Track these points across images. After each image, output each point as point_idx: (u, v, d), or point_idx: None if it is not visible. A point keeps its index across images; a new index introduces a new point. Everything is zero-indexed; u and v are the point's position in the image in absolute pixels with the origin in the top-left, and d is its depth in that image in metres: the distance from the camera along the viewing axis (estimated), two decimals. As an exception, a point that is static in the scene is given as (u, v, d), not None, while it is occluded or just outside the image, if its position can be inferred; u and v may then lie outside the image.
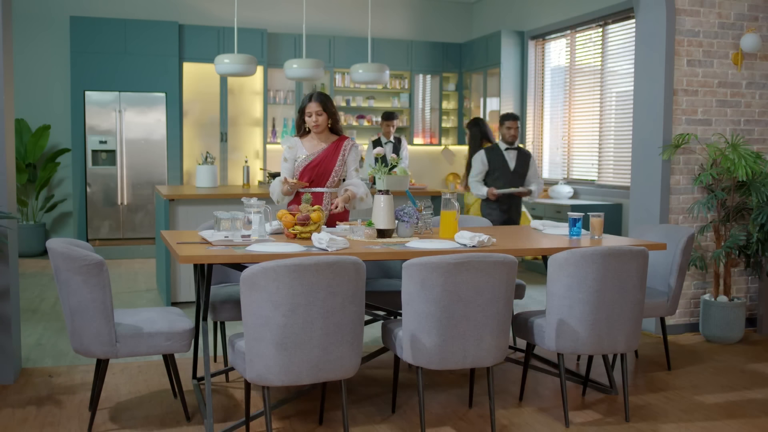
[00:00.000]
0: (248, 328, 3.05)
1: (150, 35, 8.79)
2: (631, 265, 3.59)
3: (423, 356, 3.32)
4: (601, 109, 7.83)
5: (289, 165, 4.52)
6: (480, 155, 6.25)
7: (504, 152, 6.21)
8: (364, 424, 3.61)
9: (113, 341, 3.35)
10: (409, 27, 10.26)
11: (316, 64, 7.38)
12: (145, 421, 3.60)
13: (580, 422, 3.70)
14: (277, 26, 9.49)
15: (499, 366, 4.53)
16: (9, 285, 4.13)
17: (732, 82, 5.46)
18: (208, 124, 9.32)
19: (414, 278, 3.26)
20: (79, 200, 8.71)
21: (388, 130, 8.00)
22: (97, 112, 8.73)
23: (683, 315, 5.48)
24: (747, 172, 5.07)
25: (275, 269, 2.96)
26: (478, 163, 6.24)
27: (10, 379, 4.13)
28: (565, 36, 8.49)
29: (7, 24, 4.21)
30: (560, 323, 3.60)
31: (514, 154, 6.22)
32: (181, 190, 6.59)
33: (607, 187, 7.64)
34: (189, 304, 5.92)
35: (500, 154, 6.21)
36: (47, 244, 3.42)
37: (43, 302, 6.22)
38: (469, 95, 10.12)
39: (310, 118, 4.44)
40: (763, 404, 4.02)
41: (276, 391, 3.91)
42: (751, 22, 5.46)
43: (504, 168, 6.18)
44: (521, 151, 6.28)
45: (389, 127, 7.99)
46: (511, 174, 6.19)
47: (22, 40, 8.77)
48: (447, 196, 4.04)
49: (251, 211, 3.83)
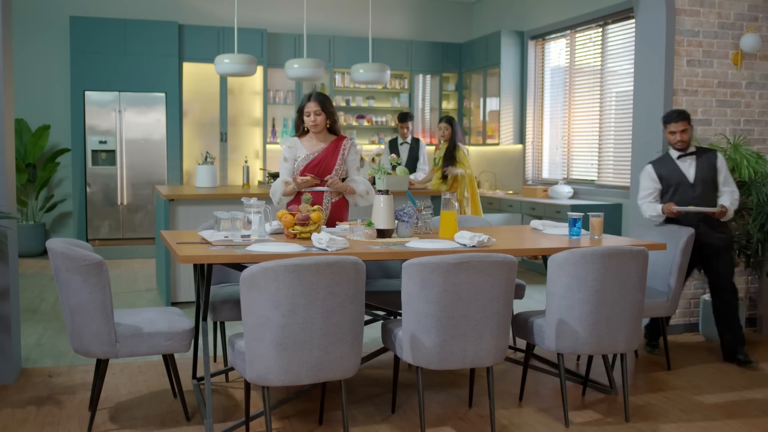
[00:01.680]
0: (248, 328, 3.05)
1: (150, 35, 8.79)
2: (631, 265, 3.59)
3: (423, 356, 3.32)
4: (600, 109, 7.83)
5: (289, 165, 4.53)
6: (647, 171, 4.88)
7: (677, 162, 4.83)
8: (364, 424, 3.61)
9: (113, 341, 3.35)
10: (409, 27, 10.26)
11: (317, 64, 7.38)
12: (145, 421, 3.60)
13: (580, 422, 3.70)
14: (277, 26, 9.49)
15: (499, 366, 4.53)
16: (9, 285, 4.13)
17: (732, 82, 5.46)
18: (208, 124, 9.32)
19: (414, 278, 3.26)
20: (79, 200, 8.71)
21: (403, 132, 7.89)
22: (97, 112, 8.73)
23: (683, 315, 5.48)
24: (749, 172, 5.08)
25: (275, 269, 2.96)
26: (647, 180, 4.87)
27: (10, 379, 4.13)
28: (565, 36, 8.49)
29: (7, 24, 4.21)
30: (560, 323, 3.60)
31: (692, 161, 4.81)
32: (181, 190, 6.59)
33: (607, 187, 7.64)
34: (189, 304, 5.91)
35: (673, 165, 4.83)
36: (47, 244, 3.42)
37: (43, 302, 6.22)
38: (468, 95, 10.12)
39: (309, 117, 4.44)
40: (763, 404, 4.02)
41: (276, 391, 3.91)
42: (751, 22, 5.46)
43: (682, 181, 4.80)
44: (703, 155, 4.82)
45: (404, 128, 7.87)
46: (692, 187, 4.77)
47: (22, 40, 8.77)
48: (447, 196, 4.04)
49: (251, 211, 3.83)
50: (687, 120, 4.74)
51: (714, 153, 4.82)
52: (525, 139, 9.14)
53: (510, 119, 9.15)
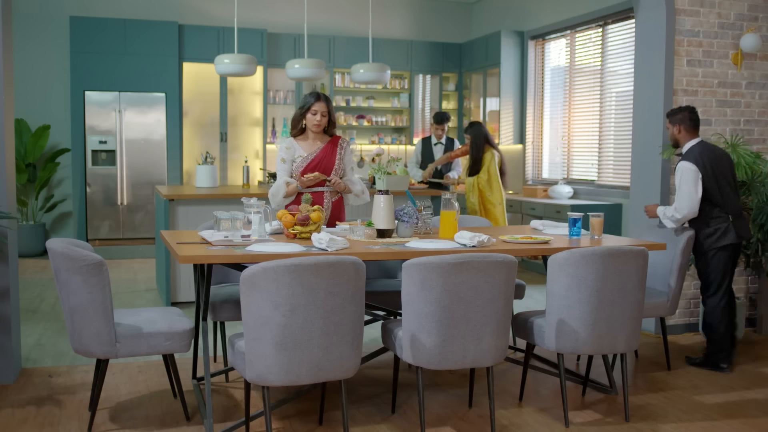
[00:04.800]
0: (248, 328, 3.05)
1: (150, 35, 8.79)
2: (631, 265, 3.59)
3: (423, 356, 3.32)
4: (600, 109, 7.82)
5: (287, 166, 4.51)
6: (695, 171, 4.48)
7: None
8: (364, 424, 3.61)
9: (113, 341, 3.35)
10: (409, 27, 10.26)
11: (318, 64, 7.38)
12: (145, 421, 3.60)
13: (580, 422, 3.70)
14: (277, 26, 9.49)
15: (499, 366, 4.53)
16: (9, 285, 4.13)
17: (732, 82, 5.46)
18: (208, 124, 9.32)
19: (414, 278, 3.26)
20: (79, 200, 8.71)
21: (439, 133, 7.86)
22: (97, 112, 8.73)
23: (683, 315, 5.48)
24: (747, 172, 5.08)
25: (275, 269, 2.96)
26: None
27: (10, 379, 4.13)
28: (565, 36, 8.49)
29: (7, 24, 4.21)
30: (560, 323, 3.60)
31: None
32: (181, 190, 6.59)
33: (607, 187, 7.64)
34: (189, 304, 5.91)
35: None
36: (47, 244, 3.42)
37: (43, 302, 6.22)
38: (469, 95, 10.12)
39: (315, 116, 4.42)
40: (763, 404, 4.02)
41: (276, 391, 3.91)
42: (751, 22, 5.46)
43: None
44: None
45: (440, 130, 7.84)
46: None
47: (22, 40, 8.77)
48: (447, 196, 4.04)
49: (251, 211, 3.83)
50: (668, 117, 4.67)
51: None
52: (525, 139, 9.14)
53: (510, 119, 9.15)
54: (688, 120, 4.60)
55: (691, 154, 4.53)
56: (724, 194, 4.54)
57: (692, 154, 4.52)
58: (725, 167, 4.58)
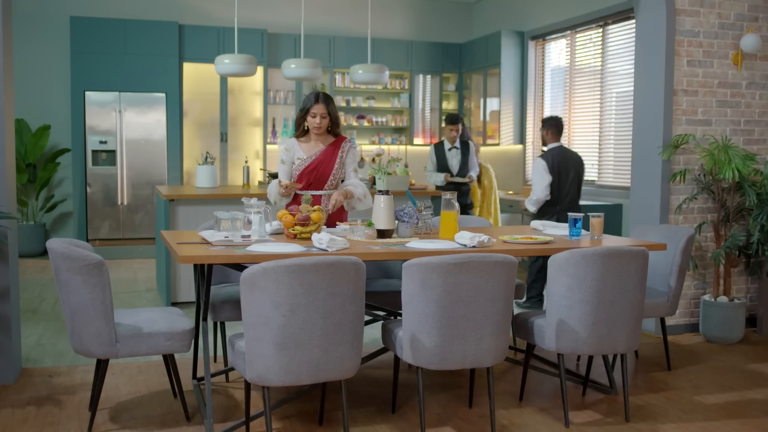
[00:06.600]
0: (248, 328, 3.05)
1: (150, 35, 8.79)
2: (631, 265, 3.59)
3: (423, 356, 3.32)
4: (601, 110, 7.83)
5: (286, 167, 4.50)
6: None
7: None
8: (364, 424, 3.61)
9: (113, 341, 3.35)
10: (409, 27, 10.26)
11: (313, 64, 7.37)
12: (145, 421, 3.60)
13: (580, 422, 3.70)
14: (277, 26, 9.50)
15: (499, 366, 4.53)
16: (9, 285, 4.13)
17: (732, 82, 5.46)
18: (208, 124, 9.32)
19: (414, 278, 3.26)
20: (79, 200, 8.71)
21: (452, 135, 7.28)
22: (97, 113, 8.73)
23: (683, 315, 5.48)
24: (734, 173, 5.04)
25: (275, 269, 2.96)
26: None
27: (10, 379, 4.13)
28: (565, 36, 8.49)
29: (7, 24, 4.21)
30: (560, 323, 3.60)
31: None
32: (181, 190, 6.59)
33: (607, 187, 7.64)
34: (189, 304, 5.91)
35: None
36: (47, 244, 3.42)
37: (43, 302, 6.22)
38: (469, 95, 10.12)
39: (314, 119, 4.40)
40: (763, 404, 4.02)
41: (276, 391, 3.91)
42: (751, 22, 5.46)
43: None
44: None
45: (454, 131, 7.27)
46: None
47: (22, 40, 8.77)
48: (447, 196, 4.04)
49: (251, 211, 3.82)
50: (542, 122, 5.95)
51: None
52: (525, 139, 9.14)
53: (510, 119, 9.15)
54: (554, 127, 5.91)
55: (548, 153, 5.88)
56: (561, 189, 5.84)
57: (549, 154, 5.87)
58: (569, 168, 5.87)
